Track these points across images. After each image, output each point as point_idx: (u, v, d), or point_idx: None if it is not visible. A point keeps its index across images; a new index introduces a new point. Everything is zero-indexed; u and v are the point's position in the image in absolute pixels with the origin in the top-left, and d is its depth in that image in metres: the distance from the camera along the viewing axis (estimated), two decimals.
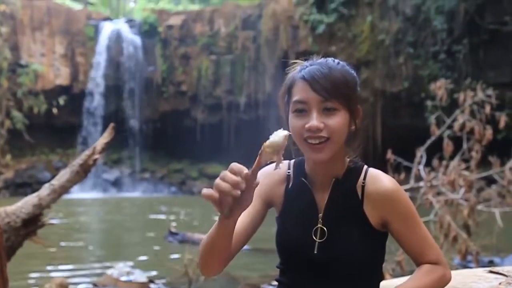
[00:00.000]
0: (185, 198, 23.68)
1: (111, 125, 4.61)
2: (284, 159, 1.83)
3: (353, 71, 1.77)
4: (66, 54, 26.81)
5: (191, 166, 27.27)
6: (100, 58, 27.08)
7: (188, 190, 26.60)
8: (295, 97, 1.70)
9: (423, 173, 7.06)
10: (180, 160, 27.59)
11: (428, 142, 7.48)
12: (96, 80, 27.06)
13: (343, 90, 1.68)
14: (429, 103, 10.56)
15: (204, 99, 27.32)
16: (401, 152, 7.53)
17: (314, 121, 1.65)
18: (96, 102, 27.06)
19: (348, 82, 1.70)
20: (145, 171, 27.66)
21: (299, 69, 1.75)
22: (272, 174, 1.83)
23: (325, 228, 1.73)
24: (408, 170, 7.30)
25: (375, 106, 23.69)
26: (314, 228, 1.74)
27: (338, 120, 1.67)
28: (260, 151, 1.46)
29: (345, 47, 23.68)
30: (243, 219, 1.75)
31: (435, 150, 7.38)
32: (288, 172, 1.83)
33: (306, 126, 1.66)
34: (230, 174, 1.42)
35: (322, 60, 1.75)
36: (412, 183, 7.12)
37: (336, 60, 1.76)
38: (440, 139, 7.39)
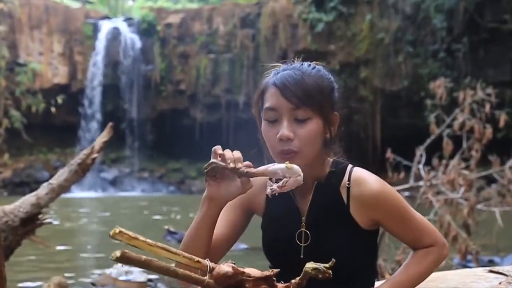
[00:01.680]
0: (184, 197, 23.67)
1: (110, 124, 4.62)
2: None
3: (330, 76, 1.74)
4: (64, 53, 26.81)
5: (190, 165, 27.28)
6: (98, 56, 27.08)
7: (187, 189, 26.61)
8: (266, 104, 1.69)
9: (422, 172, 7.06)
10: (179, 159, 27.60)
11: (428, 141, 7.47)
12: (94, 79, 27.06)
13: (316, 97, 1.65)
14: (428, 102, 10.56)
15: (202, 98, 27.32)
16: (401, 151, 7.53)
17: (284, 130, 1.64)
18: (94, 101, 27.06)
19: (322, 89, 1.67)
20: (144, 170, 27.67)
21: (272, 74, 1.73)
22: (256, 182, 1.82)
23: (308, 232, 1.72)
24: (407, 169, 7.30)
25: (375, 105, 23.71)
26: (298, 232, 1.73)
27: (310, 129, 1.65)
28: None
29: (344, 45, 23.68)
30: (221, 228, 1.78)
31: (434, 149, 7.38)
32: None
33: (277, 136, 1.65)
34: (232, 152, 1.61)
35: (297, 64, 1.73)
36: (411, 182, 7.11)
37: (312, 65, 1.73)
38: (439, 138, 7.39)
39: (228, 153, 1.62)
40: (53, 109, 25.10)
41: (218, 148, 1.63)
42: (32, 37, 26.31)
